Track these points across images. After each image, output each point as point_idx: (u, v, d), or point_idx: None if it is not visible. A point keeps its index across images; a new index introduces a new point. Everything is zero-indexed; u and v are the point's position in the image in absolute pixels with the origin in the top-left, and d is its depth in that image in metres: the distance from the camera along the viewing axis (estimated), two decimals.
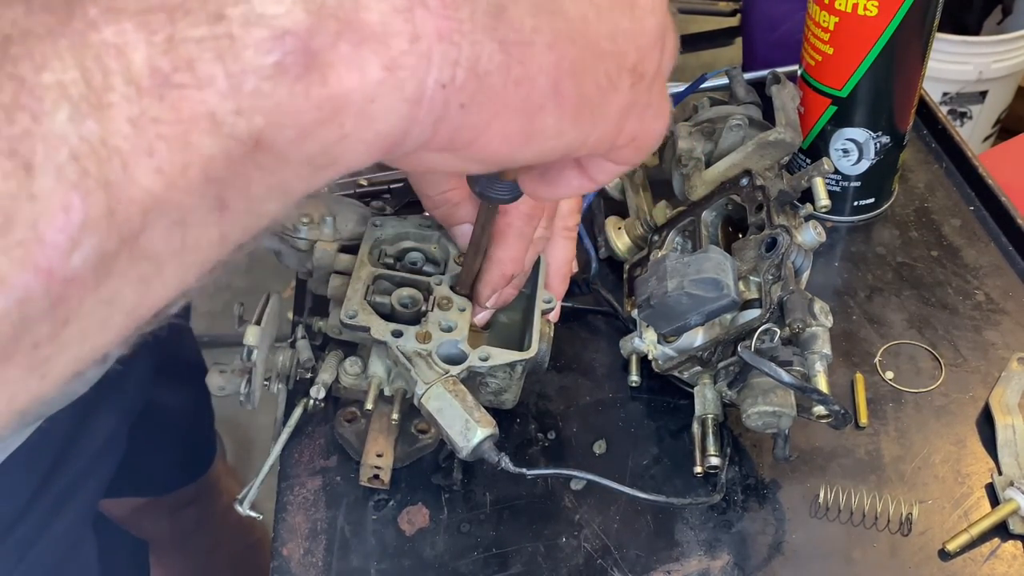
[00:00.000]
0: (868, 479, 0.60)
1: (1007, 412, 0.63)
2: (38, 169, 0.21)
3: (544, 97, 0.30)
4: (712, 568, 0.57)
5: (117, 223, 0.23)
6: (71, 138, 0.21)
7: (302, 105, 0.24)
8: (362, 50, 0.25)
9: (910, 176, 0.83)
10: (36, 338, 0.23)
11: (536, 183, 0.41)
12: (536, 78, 0.29)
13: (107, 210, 0.22)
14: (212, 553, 1.22)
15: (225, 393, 0.61)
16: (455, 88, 0.27)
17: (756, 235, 0.63)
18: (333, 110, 0.25)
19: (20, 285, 0.22)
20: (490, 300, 0.58)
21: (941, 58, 1.79)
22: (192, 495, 1.12)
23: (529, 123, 0.30)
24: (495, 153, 0.31)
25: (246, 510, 0.59)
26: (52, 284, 0.22)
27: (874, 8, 0.66)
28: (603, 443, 0.63)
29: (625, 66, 0.33)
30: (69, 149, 0.21)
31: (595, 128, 0.33)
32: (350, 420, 0.62)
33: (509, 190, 0.47)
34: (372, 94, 0.26)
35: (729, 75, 0.77)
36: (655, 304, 0.58)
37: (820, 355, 0.55)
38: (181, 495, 1.11)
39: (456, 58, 0.27)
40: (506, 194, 0.47)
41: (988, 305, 0.71)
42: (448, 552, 0.58)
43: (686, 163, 0.71)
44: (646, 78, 0.34)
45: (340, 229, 0.64)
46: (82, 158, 0.22)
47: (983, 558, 0.56)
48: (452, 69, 0.27)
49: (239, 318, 0.59)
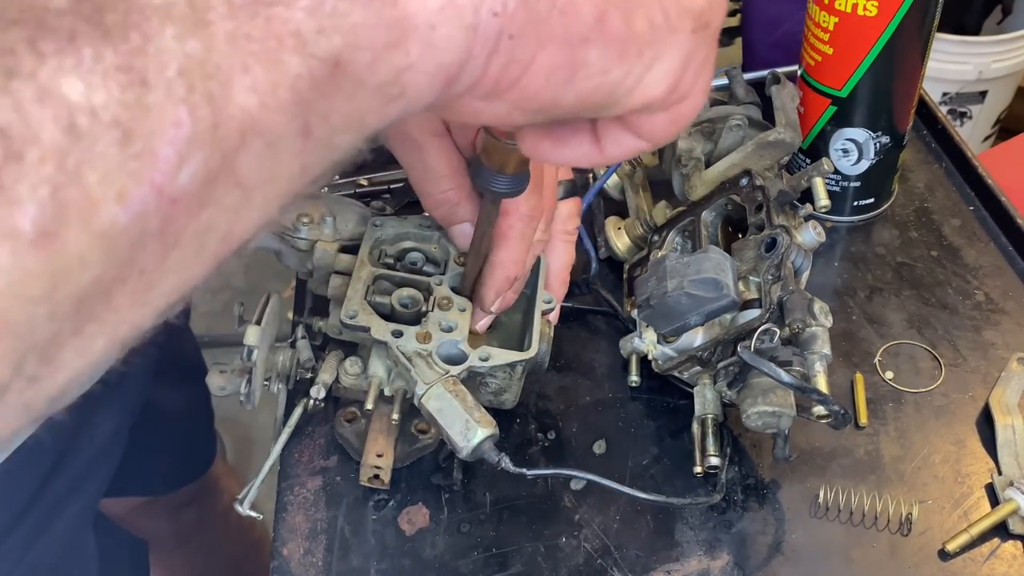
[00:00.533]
0: (868, 479, 0.60)
1: (1007, 412, 0.63)
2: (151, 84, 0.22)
3: (588, 28, 0.30)
4: (712, 568, 0.57)
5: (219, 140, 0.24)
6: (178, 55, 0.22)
7: (375, 24, 0.26)
8: None
9: (910, 176, 0.83)
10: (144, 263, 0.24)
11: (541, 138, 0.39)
12: (581, 7, 0.29)
13: (212, 125, 0.23)
14: (213, 553, 1.22)
15: (225, 393, 0.61)
16: (506, 16, 0.28)
17: (756, 235, 0.63)
18: (401, 33, 0.26)
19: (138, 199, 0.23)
20: (494, 304, 0.58)
21: (941, 58, 1.79)
22: (192, 495, 1.12)
23: (572, 55, 0.30)
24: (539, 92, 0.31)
25: (246, 510, 0.59)
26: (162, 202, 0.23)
27: (874, 8, 0.66)
28: (603, 443, 0.63)
29: (692, 8, 0.32)
30: (177, 65, 0.22)
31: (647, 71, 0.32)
32: (350, 420, 0.62)
33: (511, 184, 0.47)
34: (434, 20, 0.27)
35: (729, 75, 0.77)
36: (655, 304, 0.58)
37: (820, 355, 0.55)
38: (181, 495, 1.11)
39: None
40: (509, 188, 0.47)
41: (988, 305, 0.71)
42: (448, 552, 0.58)
43: (686, 163, 0.71)
44: (711, 28, 0.33)
45: (340, 229, 0.64)
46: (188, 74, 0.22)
47: (983, 558, 0.56)
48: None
49: (239, 318, 0.60)
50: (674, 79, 0.33)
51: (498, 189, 0.48)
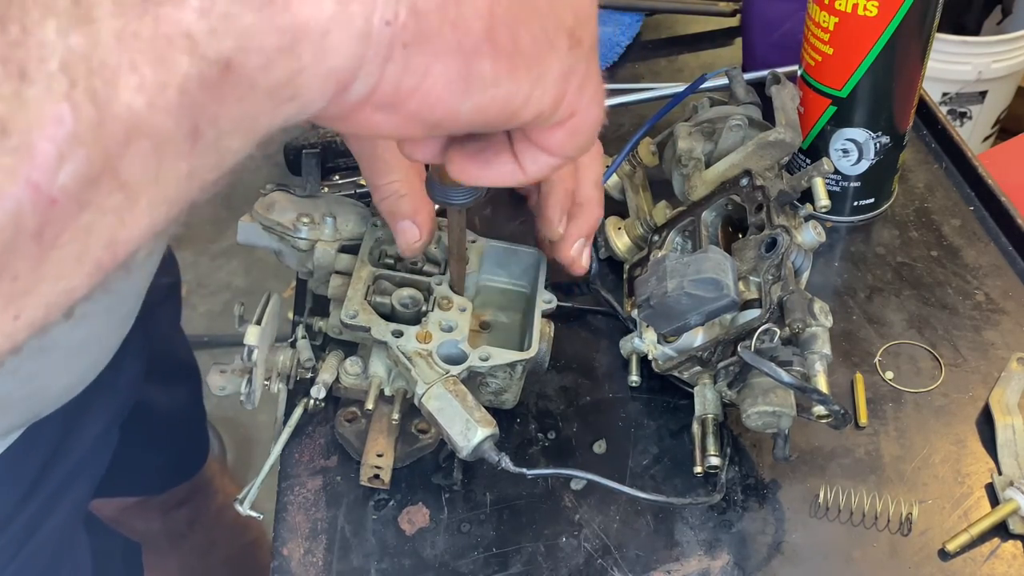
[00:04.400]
0: (868, 479, 0.60)
1: (1007, 412, 0.63)
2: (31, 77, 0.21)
3: (479, 41, 0.31)
4: (712, 568, 0.57)
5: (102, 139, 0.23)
6: (60, 49, 0.22)
7: (267, 29, 0.26)
8: None
9: (910, 176, 0.83)
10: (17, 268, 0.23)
11: (467, 160, 0.41)
12: (471, 21, 0.30)
13: (96, 123, 0.23)
14: (207, 553, 1.22)
15: (226, 393, 0.61)
16: (398, 26, 0.29)
17: (756, 235, 0.63)
18: (293, 38, 0.27)
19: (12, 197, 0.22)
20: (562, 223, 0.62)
21: (941, 58, 1.79)
22: (185, 494, 1.12)
23: (467, 66, 0.31)
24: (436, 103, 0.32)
25: (246, 510, 0.59)
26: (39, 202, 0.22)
27: (874, 8, 0.66)
28: (603, 443, 0.63)
29: (563, 27, 0.34)
30: (59, 60, 0.22)
31: (534, 85, 0.34)
32: (350, 420, 0.62)
33: (467, 193, 0.49)
34: (326, 27, 0.27)
35: (729, 75, 0.77)
36: (655, 304, 0.58)
37: (820, 355, 0.55)
38: (174, 494, 1.11)
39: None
40: (465, 197, 0.49)
41: (988, 305, 0.71)
42: (448, 552, 0.58)
43: (686, 163, 0.72)
44: (584, 45, 0.35)
45: (340, 229, 0.64)
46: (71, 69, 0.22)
47: (983, 558, 0.57)
48: (395, 7, 0.28)
49: (239, 318, 0.60)
50: (558, 93, 0.35)
51: (455, 201, 0.49)
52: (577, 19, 0.34)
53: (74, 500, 0.76)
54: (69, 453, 0.71)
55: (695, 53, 1.02)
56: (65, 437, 0.70)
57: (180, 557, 1.19)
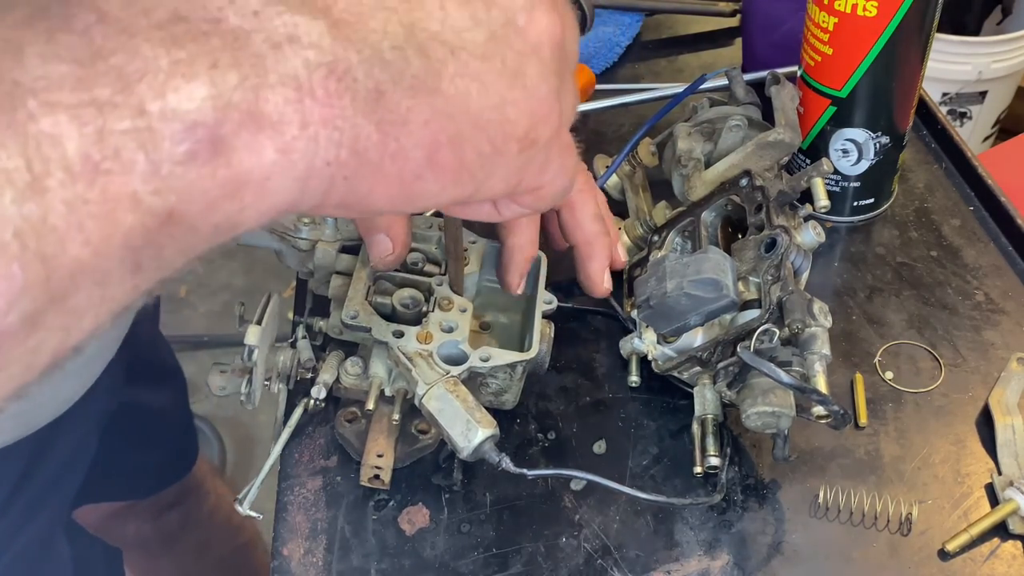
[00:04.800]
0: (868, 479, 0.61)
1: (1007, 412, 0.63)
2: None
3: (420, 167, 0.33)
4: (712, 568, 0.57)
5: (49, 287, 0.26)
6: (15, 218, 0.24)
7: (209, 184, 0.28)
8: (260, 136, 0.28)
9: (910, 176, 0.83)
10: None
11: None
12: (411, 152, 0.32)
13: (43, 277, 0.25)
14: (200, 555, 1.22)
15: (225, 393, 0.61)
16: (339, 164, 0.30)
17: (756, 235, 0.63)
18: (235, 187, 0.29)
19: None
20: (520, 286, 0.63)
21: (941, 58, 1.79)
22: (175, 497, 1.12)
23: (408, 188, 0.33)
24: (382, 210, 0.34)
25: (246, 510, 0.59)
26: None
27: (873, 8, 0.66)
28: (603, 443, 0.63)
29: (513, 134, 0.35)
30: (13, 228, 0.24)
31: (482, 185, 0.36)
32: (351, 420, 0.62)
33: None
34: (268, 173, 0.29)
35: (728, 76, 0.77)
36: (655, 304, 0.59)
37: (819, 355, 0.55)
38: (163, 497, 1.10)
39: (339, 140, 0.30)
40: None
41: (988, 305, 0.71)
42: (448, 552, 0.58)
43: (686, 164, 0.72)
44: (539, 143, 0.36)
45: (341, 229, 0.64)
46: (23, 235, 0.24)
47: (983, 558, 0.57)
48: (336, 149, 0.30)
49: (240, 318, 0.60)
50: (510, 185, 0.37)
51: None
52: (532, 122, 0.35)
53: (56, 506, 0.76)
54: (50, 459, 0.71)
55: (695, 53, 1.02)
56: (45, 444, 0.70)
57: (173, 560, 1.19)
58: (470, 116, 0.33)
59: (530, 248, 0.62)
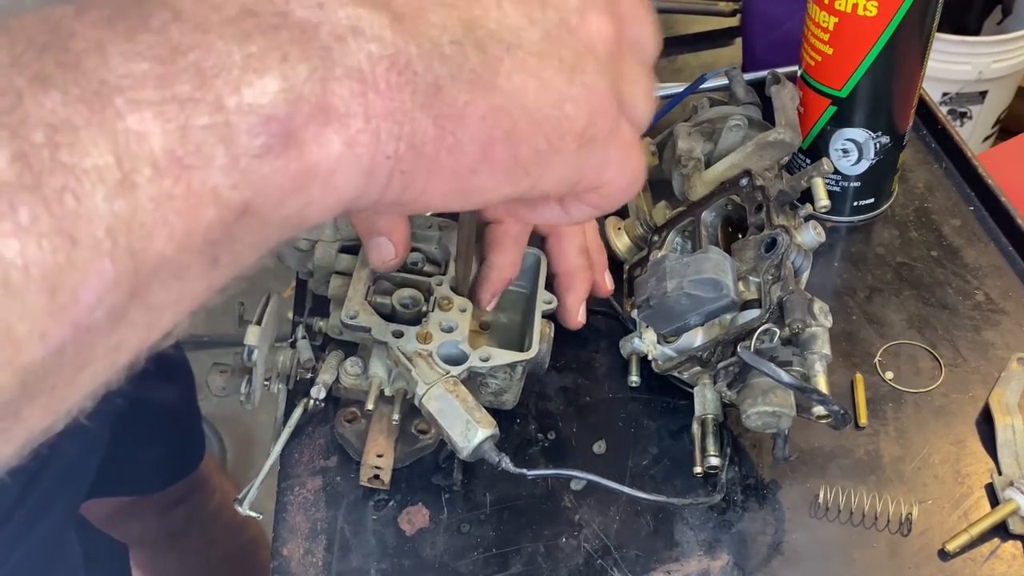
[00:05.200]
0: (868, 479, 0.60)
1: (1007, 412, 0.63)
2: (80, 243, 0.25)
3: (475, 161, 0.33)
4: (712, 568, 0.57)
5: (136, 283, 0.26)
6: (107, 216, 0.25)
7: (282, 177, 0.28)
8: (327, 129, 0.29)
9: (910, 176, 0.83)
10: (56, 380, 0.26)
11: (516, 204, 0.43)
12: (466, 146, 0.32)
13: (131, 271, 0.26)
14: (204, 552, 1.22)
15: (226, 393, 0.61)
16: (397, 158, 0.31)
17: (756, 235, 0.63)
18: (305, 181, 0.29)
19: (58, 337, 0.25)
20: (490, 305, 0.61)
21: (941, 58, 1.79)
22: (181, 494, 1.12)
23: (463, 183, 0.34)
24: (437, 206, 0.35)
25: (246, 510, 0.59)
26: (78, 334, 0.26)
27: (874, 8, 0.66)
28: (603, 443, 0.63)
29: (571, 130, 0.35)
30: (105, 225, 0.25)
31: (537, 182, 0.36)
32: (350, 420, 0.62)
33: None
34: (334, 167, 0.29)
35: (729, 75, 0.77)
36: (655, 304, 0.58)
37: (820, 355, 0.55)
38: (169, 494, 1.11)
39: (399, 133, 0.30)
40: None
41: (988, 305, 0.71)
42: (448, 552, 0.58)
43: (686, 163, 0.72)
44: (597, 139, 0.36)
45: (341, 229, 0.64)
46: (114, 231, 0.25)
47: (983, 558, 0.57)
48: (396, 143, 0.30)
49: (239, 318, 0.59)
50: (569, 183, 0.37)
51: None
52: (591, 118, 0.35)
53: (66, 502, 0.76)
54: (60, 456, 0.71)
55: (695, 53, 1.02)
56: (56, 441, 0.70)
57: (178, 556, 1.19)
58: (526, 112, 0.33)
59: (509, 270, 0.61)
